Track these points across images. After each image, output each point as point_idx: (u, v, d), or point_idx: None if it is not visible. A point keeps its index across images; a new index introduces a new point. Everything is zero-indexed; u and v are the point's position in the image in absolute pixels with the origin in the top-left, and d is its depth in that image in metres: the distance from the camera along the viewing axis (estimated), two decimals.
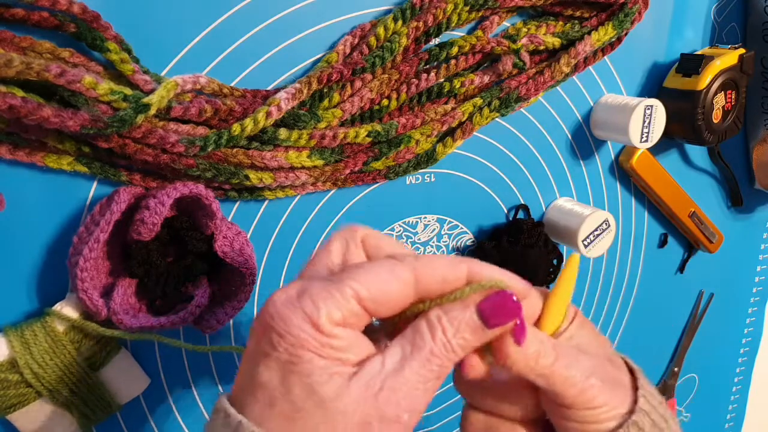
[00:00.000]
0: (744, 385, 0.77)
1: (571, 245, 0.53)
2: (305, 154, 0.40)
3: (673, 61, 0.55)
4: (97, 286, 0.37)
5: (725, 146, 0.60)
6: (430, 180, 0.49)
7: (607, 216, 0.52)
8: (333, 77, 0.40)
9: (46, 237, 0.38)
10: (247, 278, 0.39)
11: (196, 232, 0.38)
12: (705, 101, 0.52)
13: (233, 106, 0.37)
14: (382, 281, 0.25)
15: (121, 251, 0.39)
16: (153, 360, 0.43)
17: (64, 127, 0.32)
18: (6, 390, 0.36)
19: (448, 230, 0.52)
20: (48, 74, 0.31)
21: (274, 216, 0.44)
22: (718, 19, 0.57)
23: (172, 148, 0.36)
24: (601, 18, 0.49)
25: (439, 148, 0.46)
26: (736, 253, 0.68)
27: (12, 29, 0.33)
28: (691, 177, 0.61)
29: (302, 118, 0.40)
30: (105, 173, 0.37)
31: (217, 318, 0.39)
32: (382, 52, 0.41)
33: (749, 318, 0.74)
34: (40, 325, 0.36)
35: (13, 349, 0.36)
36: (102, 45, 0.34)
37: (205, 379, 0.46)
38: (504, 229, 0.53)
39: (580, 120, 0.54)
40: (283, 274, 0.46)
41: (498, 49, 0.45)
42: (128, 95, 0.33)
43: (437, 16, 0.42)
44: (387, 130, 0.42)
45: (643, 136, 0.51)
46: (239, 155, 0.38)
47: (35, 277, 0.38)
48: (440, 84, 0.45)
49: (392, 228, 0.49)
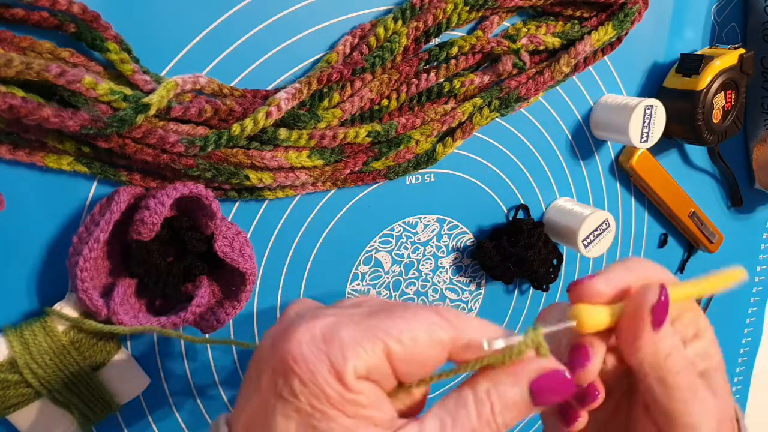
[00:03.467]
0: (744, 385, 0.77)
1: (571, 245, 0.53)
2: (305, 154, 0.40)
3: (673, 61, 0.55)
4: (97, 286, 0.37)
5: (725, 146, 0.60)
6: (430, 180, 0.49)
7: (607, 216, 0.52)
8: (333, 77, 0.40)
9: (46, 237, 0.38)
10: (247, 278, 0.39)
11: (196, 232, 0.38)
12: (705, 101, 0.52)
13: (233, 106, 0.37)
14: (420, 341, 0.23)
15: (121, 251, 0.39)
16: (153, 360, 0.43)
17: (64, 127, 0.32)
18: (6, 390, 0.36)
19: (448, 230, 0.52)
20: (48, 74, 0.31)
21: (274, 216, 0.44)
22: (718, 19, 0.57)
23: (172, 148, 0.36)
24: (601, 18, 0.49)
25: (439, 148, 0.46)
26: (736, 253, 0.68)
27: (12, 29, 0.33)
28: (691, 177, 0.61)
29: (302, 118, 0.40)
30: (105, 173, 0.37)
31: (217, 318, 0.39)
32: (382, 52, 0.41)
33: (749, 318, 0.74)
34: (39, 325, 0.36)
35: (13, 349, 0.36)
36: (102, 45, 0.34)
37: (205, 379, 0.46)
38: (504, 229, 0.53)
39: (580, 120, 0.54)
40: (283, 274, 0.46)
41: (498, 49, 0.45)
42: (128, 95, 0.33)
43: (437, 16, 0.42)
44: (387, 130, 0.42)
45: (643, 136, 0.51)
46: (239, 155, 0.38)
47: (35, 277, 0.38)
48: (440, 84, 0.45)
49: (392, 228, 0.49)
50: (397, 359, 0.23)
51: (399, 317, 0.23)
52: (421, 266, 0.52)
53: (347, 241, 0.47)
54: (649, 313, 0.25)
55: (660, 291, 0.25)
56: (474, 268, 0.54)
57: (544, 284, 0.55)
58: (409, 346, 0.23)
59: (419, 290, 0.52)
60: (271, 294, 0.46)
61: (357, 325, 0.23)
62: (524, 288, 0.58)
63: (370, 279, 0.49)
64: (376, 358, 0.22)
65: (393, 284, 0.51)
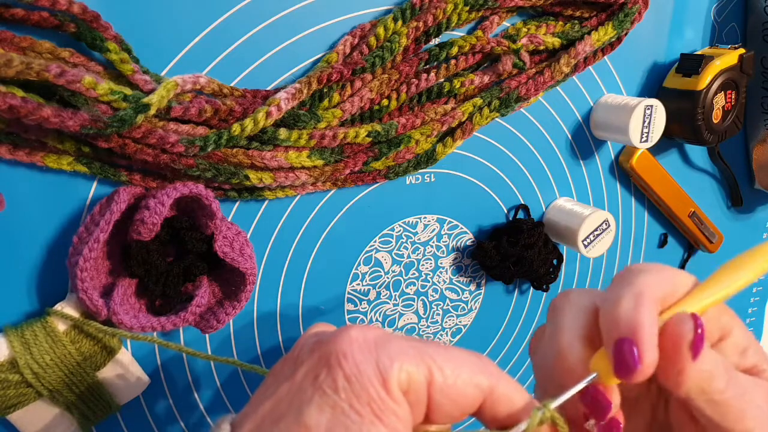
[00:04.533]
0: None
1: (571, 245, 0.53)
2: (305, 154, 0.40)
3: (673, 61, 0.55)
4: (97, 286, 0.37)
5: (725, 146, 0.60)
6: (430, 180, 0.49)
7: (607, 216, 0.52)
8: (333, 77, 0.40)
9: (46, 237, 0.38)
10: (247, 278, 0.39)
11: (196, 232, 0.38)
12: (705, 101, 0.52)
13: (233, 106, 0.37)
14: (461, 378, 0.23)
15: (121, 251, 0.39)
16: (153, 360, 0.43)
17: (64, 127, 0.32)
18: (6, 390, 0.36)
19: (448, 230, 0.52)
20: (48, 74, 0.31)
21: (274, 216, 0.44)
22: (718, 19, 0.57)
23: (172, 148, 0.36)
24: (601, 18, 0.49)
25: (439, 148, 0.46)
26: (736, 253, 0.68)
27: (12, 29, 0.33)
28: (691, 177, 0.61)
29: (302, 118, 0.40)
30: (105, 173, 0.37)
31: (217, 318, 0.39)
32: (382, 52, 0.41)
33: (749, 318, 0.74)
34: (40, 325, 0.36)
35: (14, 349, 0.36)
36: (102, 45, 0.34)
37: (205, 379, 0.46)
38: (504, 229, 0.53)
39: (580, 120, 0.54)
40: (283, 274, 0.46)
41: (498, 49, 0.45)
42: (128, 95, 0.33)
43: (437, 16, 0.42)
44: (387, 130, 0.42)
45: (643, 136, 0.51)
46: (239, 155, 0.38)
47: (35, 277, 0.38)
48: (440, 84, 0.45)
49: (392, 228, 0.49)
50: (436, 388, 0.23)
51: (445, 350, 0.23)
52: (421, 266, 0.52)
53: (347, 241, 0.47)
54: (688, 350, 0.24)
55: (695, 325, 0.24)
56: (474, 268, 0.54)
57: (544, 284, 0.55)
58: (449, 378, 0.23)
59: (419, 290, 0.52)
60: (271, 294, 0.46)
61: (407, 342, 0.23)
62: (524, 288, 0.58)
63: (370, 279, 0.49)
64: (420, 377, 0.22)
65: (393, 284, 0.51)
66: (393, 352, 0.22)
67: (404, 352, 0.22)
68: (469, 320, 0.56)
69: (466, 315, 0.56)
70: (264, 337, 0.47)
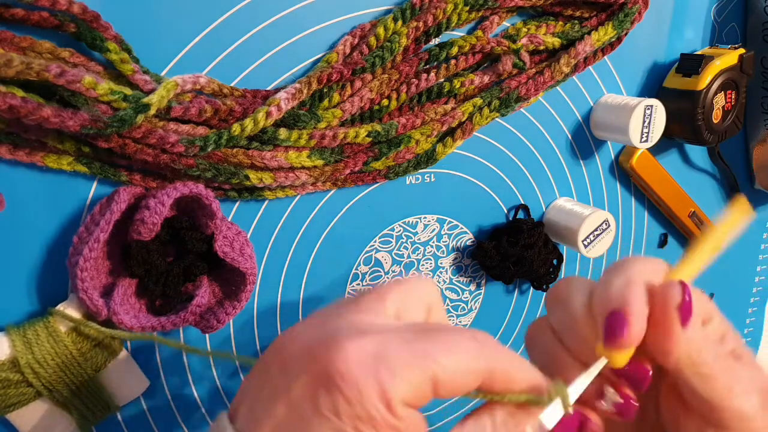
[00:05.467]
0: None
1: (571, 245, 0.53)
2: (305, 154, 0.40)
3: (673, 61, 0.55)
4: (97, 286, 0.37)
5: (725, 146, 0.60)
6: (430, 180, 0.49)
7: (607, 216, 0.52)
8: (333, 77, 0.40)
9: (46, 237, 0.38)
10: (247, 278, 0.39)
11: (196, 232, 0.38)
12: (705, 101, 0.52)
13: (233, 106, 0.37)
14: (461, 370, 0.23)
15: (121, 251, 0.39)
16: (153, 361, 0.43)
17: (64, 127, 0.32)
18: (6, 389, 0.36)
19: (448, 230, 0.52)
20: (48, 74, 0.31)
21: (274, 216, 0.44)
22: (718, 19, 0.57)
23: (172, 148, 0.36)
24: (601, 18, 0.49)
25: (439, 148, 0.46)
26: (736, 253, 0.68)
27: (12, 29, 0.33)
28: (691, 177, 0.61)
29: (302, 118, 0.40)
30: (105, 173, 0.37)
31: (218, 318, 0.39)
32: (382, 52, 0.41)
33: (749, 318, 0.74)
34: (42, 325, 0.36)
35: (15, 348, 0.36)
36: (102, 45, 0.34)
37: (205, 379, 0.46)
38: (504, 229, 0.53)
39: (580, 120, 0.54)
40: (283, 274, 0.46)
41: (498, 49, 0.45)
42: (128, 95, 0.33)
43: (437, 16, 0.42)
44: (387, 130, 0.42)
45: (643, 136, 0.51)
46: (239, 155, 0.38)
47: (35, 277, 0.38)
48: (440, 84, 0.45)
49: (392, 228, 0.49)
50: (440, 386, 0.22)
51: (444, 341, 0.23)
52: (421, 266, 0.52)
53: (347, 241, 0.47)
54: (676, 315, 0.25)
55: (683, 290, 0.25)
56: (474, 268, 0.54)
57: (544, 284, 0.55)
58: (451, 374, 0.22)
59: None
60: (271, 294, 0.46)
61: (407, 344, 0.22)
62: (524, 288, 0.58)
63: (370, 279, 0.49)
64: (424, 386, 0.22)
65: None
66: (393, 363, 0.22)
67: (405, 362, 0.22)
68: (469, 320, 0.56)
69: (466, 315, 0.56)
70: (264, 337, 0.47)
